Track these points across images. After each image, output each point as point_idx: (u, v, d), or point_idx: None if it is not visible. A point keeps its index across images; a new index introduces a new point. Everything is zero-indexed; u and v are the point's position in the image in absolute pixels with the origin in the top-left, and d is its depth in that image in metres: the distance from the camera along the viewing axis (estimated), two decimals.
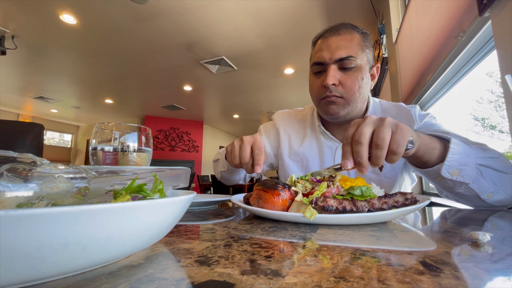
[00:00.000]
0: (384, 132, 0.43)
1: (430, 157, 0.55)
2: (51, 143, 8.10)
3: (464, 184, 0.56)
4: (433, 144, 0.55)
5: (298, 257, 0.24)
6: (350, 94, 0.73)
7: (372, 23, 2.87)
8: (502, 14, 0.70)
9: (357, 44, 0.73)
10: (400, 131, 0.43)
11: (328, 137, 0.84)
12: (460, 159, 0.54)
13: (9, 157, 0.24)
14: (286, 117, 0.97)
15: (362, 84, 0.73)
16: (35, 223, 0.15)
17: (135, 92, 5.39)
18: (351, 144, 0.45)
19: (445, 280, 0.18)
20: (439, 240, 0.30)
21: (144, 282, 0.18)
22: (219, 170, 0.87)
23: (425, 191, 1.81)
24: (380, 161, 0.43)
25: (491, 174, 0.56)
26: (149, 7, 2.68)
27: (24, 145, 1.09)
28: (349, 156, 0.44)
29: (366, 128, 0.44)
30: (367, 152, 0.43)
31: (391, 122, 0.44)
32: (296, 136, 0.92)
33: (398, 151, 0.43)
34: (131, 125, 0.47)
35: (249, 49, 3.54)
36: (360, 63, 0.72)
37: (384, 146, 0.43)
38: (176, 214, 0.25)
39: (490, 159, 0.57)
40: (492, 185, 0.56)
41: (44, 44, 3.43)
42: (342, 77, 0.72)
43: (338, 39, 0.73)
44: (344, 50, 0.71)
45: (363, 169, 0.44)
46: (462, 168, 0.54)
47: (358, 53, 0.72)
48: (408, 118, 0.77)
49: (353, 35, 0.73)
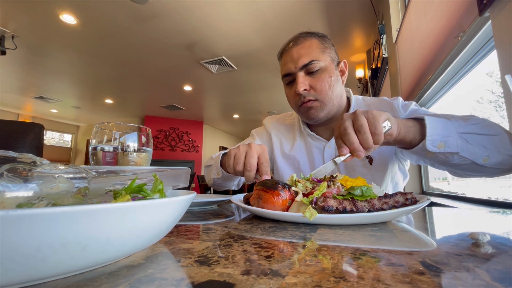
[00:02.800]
0: (360, 119, 0.51)
1: (413, 135, 0.60)
2: (51, 143, 8.10)
3: (455, 153, 0.59)
4: (410, 123, 0.60)
5: (298, 257, 0.24)
6: (323, 95, 0.78)
7: (372, 23, 2.87)
8: (502, 14, 0.70)
9: (316, 48, 0.78)
10: (371, 115, 0.51)
11: (315, 137, 0.88)
12: (441, 132, 0.58)
13: (9, 157, 0.24)
14: (276, 122, 1.02)
15: (331, 82, 0.78)
16: (35, 223, 0.15)
17: (135, 92, 5.38)
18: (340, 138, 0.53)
19: (445, 280, 0.18)
20: (439, 240, 0.30)
21: (144, 282, 0.18)
22: (212, 177, 0.86)
23: (425, 191, 1.81)
24: (368, 143, 0.50)
25: (477, 139, 0.58)
26: (149, 7, 2.68)
27: (24, 145, 1.09)
28: (343, 144, 0.52)
29: (346, 122, 0.52)
30: (356, 138, 0.51)
31: (362, 111, 0.52)
32: (286, 140, 0.96)
33: (377, 131, 0.50)
34: (131, 125, 0.47)
35: (249, 49, 3.54)
36: (324, 64, 0.77)
37: (365, 130, 0.50)
38: (176, 214, 0.25)
39: (472, 125, 0.60)
40: (484, 149, 0.58)
41: (44, 44, 3.43)
42: (311, 81, 0.78)
43: (298, 48, 0.79)
44: (305, 57, 0.77)
45: (359, 153, 0.51)
46: (445, 140, 0.58)
47: (319, 55, 0.77)
48: (391, 111, 0.81)
49: (311, 41, 0.79)
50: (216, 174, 0.83)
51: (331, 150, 0.86)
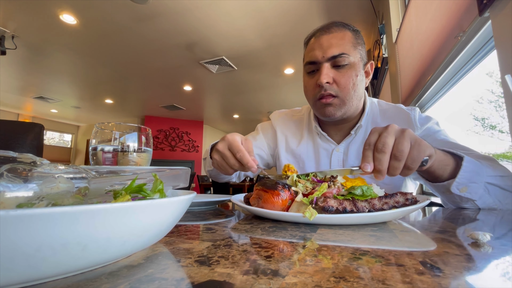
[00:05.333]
0: (404, 145, 0.44)
1: (443, 173, 0.56)
2: (51, 143, 8.10)
3: (471, 200, 0.57)
4: (447, 161, 0.55)
5: (298, 257, 0.24)
6: (345, 93, 0.72)
7: (372, 23, 2.87)
8: (502, 14, 0.70)
9: (349, 42, 0.72)
10: (417, 147, 0.45)
11: (325, 138, 0.84)
12: (471, 177, 0.55)
13: (9, 157, 0.24)
14: (283, 118, 0.97)
15: (356, 81, 0.73)
16: (35, 223, 0.15)
17: (135, 92, 5.38)
18: (373, 150, 0.46)
19: (445, 280, 0.18)
20: (439, 240, 0.30)
21: (144, 282, 0.18)
22: (207, 169, 0.86)
23: (425, 191, 1.81)
24: (396, 172, 0.45)
25: (497, 192, 0.57)
26: (149, 7, 2.68)
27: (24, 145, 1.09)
28: (370, 160, 0.45)
29: (389, 138, 0.45)
30: (388, 162, 0.45)
31: (411, 136, 0.45)
32: (293, 137, 0.91)
33: (413, 166, 0.45)
34: (131, 125, 0.47)
35: (249, 49, 3.54)
36: (353, 60, 0.72)
37: (402, 158, 0.44)
38: (176, 214, 0.25)
39: (500, 177, 0.57)
40: (497, 202, 0.57)
41: (44, 44, 3.43)
42: (336, 75, 0.72)
43: (329, 37, 0.73)
44: (336, 48, 0.71)
45: (380, 176, 0.45)
46: (470, 185, 0.55)
47: (350, 50, 0.72)
48: (407, 122, 0.77)
49: (344, 33, 0.73)
50: (209, 166, 0.81)
51: (339, 154, 0.82)
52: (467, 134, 1.48)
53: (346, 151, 0.81)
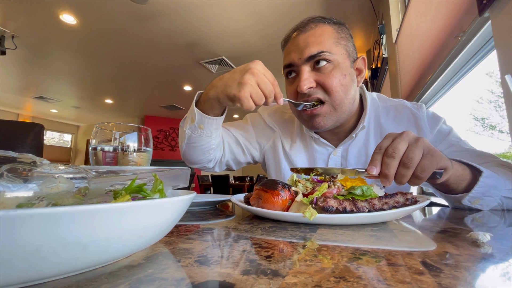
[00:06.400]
0: (415, 153, 0.41)
1: (457, 187, 0.53)
2: (51, 143, 8.10)
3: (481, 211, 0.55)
4: (464, 176, 0.52)
5: (298, 257, 0.24)
6: (333, 97, 0.63)
7: (372, 23, 2.87)
8: (502, 14, 0.70)
9: (329, 38, 0.63)
10: (430, 157, 0.42)
11: (320, 142, 0.75)
12: (486, 191, 0.52)
13: (9, 157, 0.24)
14: (274, 113, 0.86)
15: (344, 82, 0.63)
16: (35, 223, 0.15)
17: (135, 92, 5.38)
18: (383, 154, 0.44)
19: (445, 280, 0.18)
20: (439, 240, 0.30)
21: (144, 282, 0.18)
22: (185, 129, 0.68)
23: (425, 191, 1.81)
24: (404, 180, 0.42)
25: (510, 204, 0.55)
26: (149, 7, 2.68)
27: (24, 145, 1.09)
28: (378, 164, 0.43)
29: (402, 144, 0.42)
30: (396, 168, 0.42)
31: (425, 144, 0.43)
32: (284, 137, 0.82)
33: (422, 176, 0.42)
34: (131, 125, 0.46)
35: (249, 49, 3.54)
36: (337, 58, 0.63)
37: (411, 166, 0.41)
38: (176, 214, 0.25)
39: None
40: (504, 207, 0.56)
41: (44, 44, 3.43)
42: (319, 77, 0.63)
43: (306, 36, 0.64)
44: (314, 47, 0.62)
45: (387, 182, 0.43)
46: (484, 198, 0.53)
47: (331, 47, 0.63)
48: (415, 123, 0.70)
49: (323, 29, 0.64)
50: (190, 121, 0.66)
51: (337, 158, 0.73)
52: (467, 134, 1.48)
53: (345, 155, 0.73)
